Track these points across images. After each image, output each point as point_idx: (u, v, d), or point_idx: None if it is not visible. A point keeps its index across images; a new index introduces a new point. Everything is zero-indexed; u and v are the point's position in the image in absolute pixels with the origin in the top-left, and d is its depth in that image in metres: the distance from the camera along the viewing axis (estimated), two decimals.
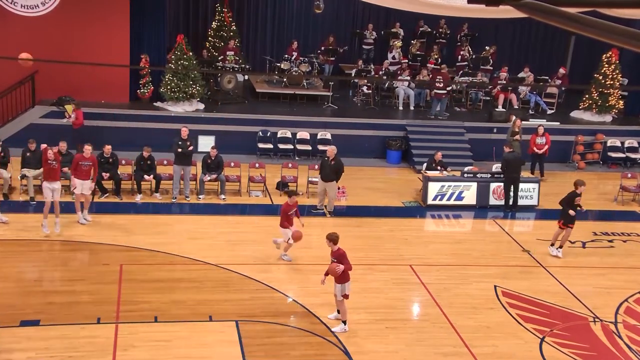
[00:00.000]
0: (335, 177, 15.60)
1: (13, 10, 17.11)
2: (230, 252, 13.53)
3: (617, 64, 21.23)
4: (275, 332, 10.78)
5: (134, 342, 10.18)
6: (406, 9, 18.27)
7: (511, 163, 16.49)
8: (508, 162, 16.52)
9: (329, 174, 15.50)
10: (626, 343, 11.27)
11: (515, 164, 16.59)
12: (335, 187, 15.80)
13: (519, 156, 16.98)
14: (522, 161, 17.02)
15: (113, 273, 12.24)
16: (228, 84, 20.55)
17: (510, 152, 16.78)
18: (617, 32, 2.86)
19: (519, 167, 16.71)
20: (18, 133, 17.62)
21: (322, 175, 15.63)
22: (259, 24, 23.88)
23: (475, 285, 12.87)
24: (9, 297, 11.23)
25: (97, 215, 14.64)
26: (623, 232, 15.30)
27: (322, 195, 15.70)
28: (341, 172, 15.71)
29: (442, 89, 20.48)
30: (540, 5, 3.03)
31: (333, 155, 15.58)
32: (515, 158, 16.69)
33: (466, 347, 10.80)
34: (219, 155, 16.17)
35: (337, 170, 15.56)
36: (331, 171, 15.48)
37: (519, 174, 16.70)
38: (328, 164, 15.53)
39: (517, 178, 16.65)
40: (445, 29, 24.27)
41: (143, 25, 19.17)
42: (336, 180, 15.69)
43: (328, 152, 15.72)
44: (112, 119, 18.37)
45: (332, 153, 15.62)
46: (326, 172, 15.53)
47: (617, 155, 20.79)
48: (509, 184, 16.61)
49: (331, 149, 15.77)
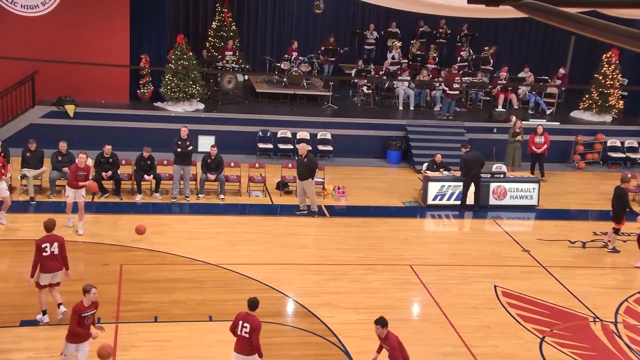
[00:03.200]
0: (310, 175, 15.54)
1: (13, 10, 17.11)
2: (230, 252, 13.53)
3: (617, 64, 21.23)
4: (275, 332, 10.77)
5: (134, 342, 10.19)
6: (406, 9, 18.23)
7: (470, 163, 16.43)
8: (467, 162, 16.46)
9: (303, 172, 15.41)
10: (626, 343, 11.27)
11: (475, 164, 16.48)
12: (312, 185, 15.68)
13: (479, 156, 16.81)
14: (482, 161, 16.72)
15: (113, 273, 12.24)
16: (228, 84, 20.55)
17: (468, 152, 16.73)
18: (617, 32, 2.86)
19: (478, 167, 16.58)
20: (18, 133, 17.62)
21: (297, 174, 15.57)
22: (259, 24, 23.88)
23: (475, 285, 12.88)
24: (9, 297, 11.24)
25: (97, 215, 14.65)
26: (623, 232, 15.29)
27: (302, 195, 15.62)
28: (314, 169, 15.65)
29: (455, 90, 20.48)
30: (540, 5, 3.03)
31: (305, 153, 15.52)
32: (474, 157, 16.58)
33: (466, 347, 10.80)
34: (219, 154, 16.17)
35: (310, 167, 15.50)
36: (305, 169, 15.44)
37: (479, 173, 16.57)
38: (302, 161, 15.46)
39: (478, 177, 16.53)
40: (446, 29, 24.27)
41: (143, 25, 19.18)
42: (311, 178, 15.64)
43: (300, 150, 15.65)
44: (112, 119, 18.38)
45: (304, 151, 15.57)
46: (300, 171, 15.45)
47: (617, 155, 20.79)
48: (469, 183, 16.49)
49: (302, 147, 15.73)
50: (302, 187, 15.50)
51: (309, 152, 15.74)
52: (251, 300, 8.98)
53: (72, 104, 18.18)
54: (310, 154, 15.83)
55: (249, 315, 8.92)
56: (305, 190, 15.49)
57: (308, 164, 15.41)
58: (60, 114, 18.15)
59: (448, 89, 20.41)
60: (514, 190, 17.09)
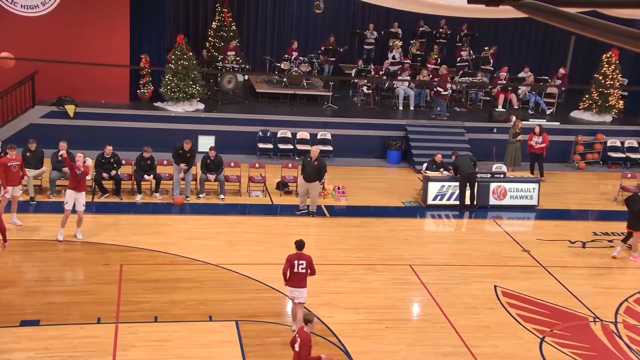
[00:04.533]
0: (319, 177, 15.57)
1: (13, 10, 17.11)
2: (230, 252, 13.53)
3: (617, 64, 21.23)
4: (275, 332, 10.78)
5: (134, 342, 10.18)
6: (406, 9, 18.23)
7: (460, 164, 16.44)
8: (457, 164, 16.53)
9: (311, 174, 15.42)
10: (626, 343, 11.28)
11: (465, 164, 16.45)
12: (318, 187, 15.75)
13: (468, 156, 16.80)
14: (473, 160, 16.76)
15: (113, 273, 12.23)
16: (228, 84, 20.55)
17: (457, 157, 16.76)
18: (617, 32, 2.86)
19: (471, 166, 16.56)
20: (18, 133, 17.60)
21: (304, 176, 15.53)
22: (259, 24, 23.87)
23: (475, 285, 12.87)
24: (9, 297, 11.24)
25: (97, 215, 14.65)
26: (623, 232, 15.28)
27: (304, 196, 15.64)
28: (324, 172, 15.71)
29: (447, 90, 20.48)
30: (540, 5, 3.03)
31: (317, 156, 15.56)
32: (463, 158, 16.60)
33: (466, 347, 10.80)
34: (219, 155, 16.17)
35: (320, 170, 15.54)
36: (314, 171, 15.45)
37: (474, 172, 16.55)
38: (311, 164, 15.45)
39: (472, 177, 16.51)
40: (446, 29, 24.27)
41: (143, 25, 19.18)
42: (319, 181, 15.67)
43: (312, 153, 15.65)
44: (112, 119, 18.37)
45: (316, 153, 15.60)
46: (309, 172, 15.43)
47: (617, 155, 20.78)
48: (463, 183, 16.47)
49: (315, 149, 15.75)
50: (306, 188, 15.49)
51: (320, 155, 15.77)
52: (298, 241, 10.45)
53: (72, 104, 18.17)
54: (321, 157, 15.86)
55: (300, 255, 10.34)
56: (310, 191, 15.51)
57: (318, 167, 15.45)
58: (60, 114, 18.15)
59: (442, 89, 20.38)
60: (514, 190, 17.09)
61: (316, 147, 16.02)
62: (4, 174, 13.44)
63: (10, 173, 13.49)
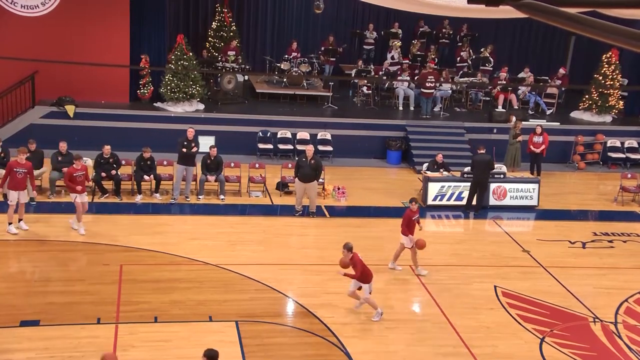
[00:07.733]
0: (316, 177, 15.55)
1: (13, 10, 17.11)
2: (230, 252, 13.53)
3: (617, 64, 21.23)
4: (275, 332, 10.78)
5: (133, 342, 10.18)
6: (406, 9, 18.25)
7: (476, 164, 16.37)
8: (474, 163, 16.46)
9: (309, 174, 15.37)
10: (626, 343, 11.27)
11: (482, 166, 16.35)
12: (316, 186, 15.71)
13: (487, 159, 16.63)
14: (490, 165, 16.56)
15: (113, 273, 12.23)
16: (228, 84, 20.55)
17: (479, 154, 16.64)
18: (617, 32, 2.86)
19: (486, 170, 16.44)
20: (18, 133, 17.61)
21: (300, 176, 15.42)
22: (259, 24, 23.87)
23: (475, 286, 12.87)
24: (9, 297, 11.24)
25: (97, 216, 14.65)
26: (623, 232, 15.30)
27: (301, 197, 15.62)
28: (320, 171, 15.70)
29: (430, 89, 20.45)
30: (540, 5, 3.03)
31: (312, 155, 15.55)
32: (481, 160, 16.46)
33: (466, 347, 10.80)
34: (219, 155, 16.17)
35: (317, 168, 15.52)
36: (312, 171, 15.40)
37: (485, 176, 16.48)
38: (307, 163, 15.41)
39: (484, 181, 16.45)
40: (449, 29, 24.26)
41: (143, 26, 19.18)
42: (317, 180, 15.66)
43: (307, 152, 15.61)
44: (112, 119, 18.37)
45: (311, 153, 15.60)
46: (306, 172, 15.36)
47: (617, 156, 20.78)
48: (474, 186, 16.40)
49: (310, 149, 15.74)
50: (303, 189, 15.46)
51: (314, 154, 15.78)
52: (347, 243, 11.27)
53: (72, 104, 18.18)
54: (316, 156, 15.89)
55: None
56: (309, 192, 15.48)
57: (315, 166, 15.44)
58: (60, 114, 18.15)
59: (422, 87, 20.38)
60: (514, 190, 17.09)
61: (310, 146, 16.01)
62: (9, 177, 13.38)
63: (16, 179, 13.40)
